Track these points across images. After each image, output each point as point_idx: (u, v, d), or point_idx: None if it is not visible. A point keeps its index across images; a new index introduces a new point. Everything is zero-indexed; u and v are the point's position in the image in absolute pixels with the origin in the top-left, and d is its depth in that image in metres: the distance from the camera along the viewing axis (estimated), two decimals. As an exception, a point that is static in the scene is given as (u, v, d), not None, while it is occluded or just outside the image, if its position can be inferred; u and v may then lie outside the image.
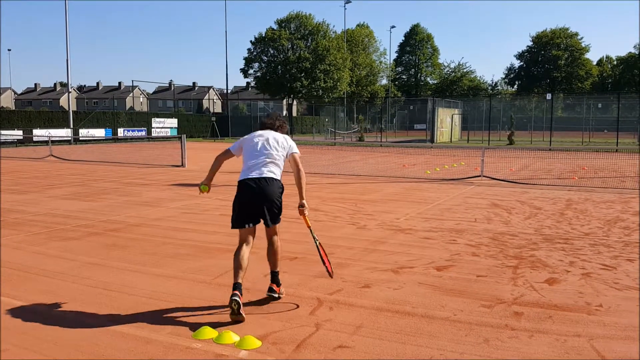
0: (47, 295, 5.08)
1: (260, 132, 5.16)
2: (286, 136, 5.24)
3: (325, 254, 5.07)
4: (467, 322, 4.43)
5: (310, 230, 5.08)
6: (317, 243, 5.03)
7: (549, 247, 7.07)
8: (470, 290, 5.27)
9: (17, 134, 33.84)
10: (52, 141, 27.97)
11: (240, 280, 4.45)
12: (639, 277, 5.69)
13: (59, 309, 4.70)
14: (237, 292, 4.33)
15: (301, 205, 4.95)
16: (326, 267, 4.97)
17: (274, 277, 4.94)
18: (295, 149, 5.15)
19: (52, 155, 23.96)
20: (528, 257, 6.55)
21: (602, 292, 5.20)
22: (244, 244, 4.69)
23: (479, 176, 15.30)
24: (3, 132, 32.78)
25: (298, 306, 4.78)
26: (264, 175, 4.81)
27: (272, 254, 4.90)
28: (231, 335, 4.00)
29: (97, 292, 5.17)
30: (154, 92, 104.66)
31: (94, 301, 4.91)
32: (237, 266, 4.54)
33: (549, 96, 40.79)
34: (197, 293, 5.14)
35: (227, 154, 5.08)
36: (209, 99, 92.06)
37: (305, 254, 6.60)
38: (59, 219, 8.95)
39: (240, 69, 61.45)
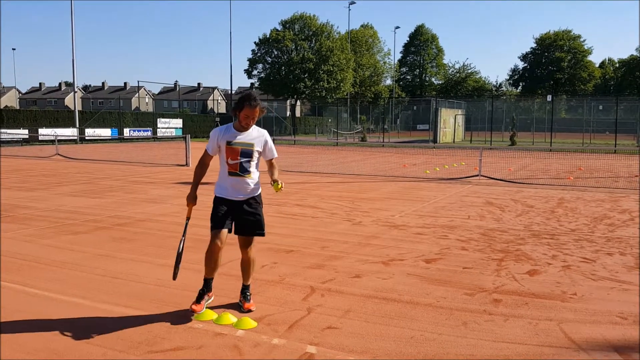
0: (59, 283, 5.45)
1: None
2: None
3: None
4: (448, 308, 4.78)
5: (186, 222, 5.01)
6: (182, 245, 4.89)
7: (535, 242, 7.41)
8: (455, 280, 5.62)
9: (23, 133, 34.32)
10: (58, 140, 28.41)
11: None
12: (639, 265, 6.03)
13: (70, 295, 5.07)
14: None
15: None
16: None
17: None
18: None
19: (58, 154, 24.40)
20: (514, 251, 6.89)
21: (578, 282, 5.54)
22: None
23: (477, 176, 15.63)
24: (9, 131, 33.26)
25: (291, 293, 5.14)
26: None
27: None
28: (229, 317, 4.37)
29: (105, 280, 5.54)
30: (159, 93, 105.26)
31: (103, 288, 5.28)
32: None
33: (549, 98, 41.02)
34: (199, 281, 5.48)
35: None
36: (213, 100, 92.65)
37: (300, 248, 6.95)
38: (67, 215, 9.33)
39: (245, 70, 61.95)
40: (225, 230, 4.52)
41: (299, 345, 3.97)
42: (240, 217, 4.58)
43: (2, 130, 32.76)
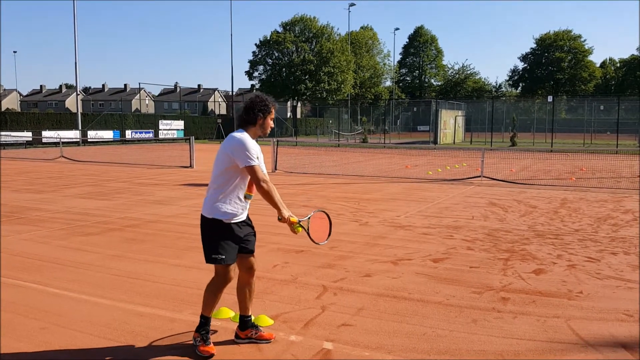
0: (76, 282, 5.58)
1: None
2: (233, 139, 3.86)
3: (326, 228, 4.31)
4: (458, 306, 4.91)
5: (299, 223, 4.03)
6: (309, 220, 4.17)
7: (540, 242, 7.54)
8: (463, 279, 5.75)
9: (27, 135, 34.47)
10: (61, 142, 28.55)
11: None
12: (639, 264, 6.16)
13: (90, 294, 5.20)
14: None
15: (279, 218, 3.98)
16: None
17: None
18: (240, 160, 3.79)
19: (63, 156, 24.51)
20: (519, 250, 7.02)
21: (584, 281, 5.67)
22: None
23: (479, 176, 15.75)
24: (12, 133, 33.40)
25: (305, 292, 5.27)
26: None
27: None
28: (246, 315, 4.50)
29: (122, 280, 5.67)
30: (160, 94, 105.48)
31: (120, 287, 5.41)
32: None
33: (550, 98, 41.18)
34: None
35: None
36: (214, 101, 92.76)
37: (310, 248, 7.07)
38: (78, 216, 9.47)
39: (245, 72, 62.19)
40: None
41: (315, 342, 4.10)
42: (247, 235, 4.04)
43: (6, 133, 32.91)
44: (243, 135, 3.85)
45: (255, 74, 61.70)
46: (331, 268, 6.14)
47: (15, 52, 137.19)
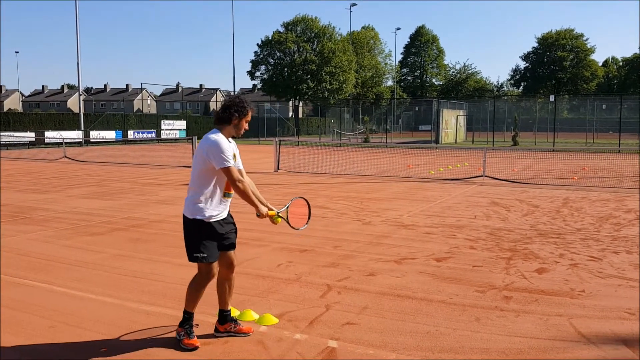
0: (82, 282, 5.64)
1: None
2: (207, 140, 3.97)
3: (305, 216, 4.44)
4: (461, 304, 4.96)
5: (277, 214, 4.13)
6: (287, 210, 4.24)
7: (542, 241, 7.58)
8: (466, 278, 5.80)
9: (30, 135, 34.59)
10: (64, 143, 28.63)
11: None
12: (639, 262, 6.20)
13: (96, 293, 5.26)
14: None
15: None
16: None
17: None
18: (216, 162, 3.91)
19: (66, 156, 24.60)
20: (522, 249, 7.06)
21: (586, 280, 5.71)
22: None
23: (481, 176, 15.79)
24: (15, 134, 33.51)
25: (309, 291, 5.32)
26: None
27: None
28: (252, 314, 4.56)
29: (127, 280, 5.73)
30: (161, 94, 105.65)
31: (126, 287, 5.47)
32: None
33: (552, 98, 41.18)
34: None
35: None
36: (216, 101, 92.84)
37: (314, 247, 7.14)
38: (82, 216, 9.53)
39: (247, 72, 62.21)
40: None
41: (320, 340, 4.15)
42: (228, 232, 4.13)
43: (9, 134, 33.03)
44: (217, 137, 3.95)
45: (257, 73, 61.76)
46: (335, 267, 6.19)
47: (17, 52, 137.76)
